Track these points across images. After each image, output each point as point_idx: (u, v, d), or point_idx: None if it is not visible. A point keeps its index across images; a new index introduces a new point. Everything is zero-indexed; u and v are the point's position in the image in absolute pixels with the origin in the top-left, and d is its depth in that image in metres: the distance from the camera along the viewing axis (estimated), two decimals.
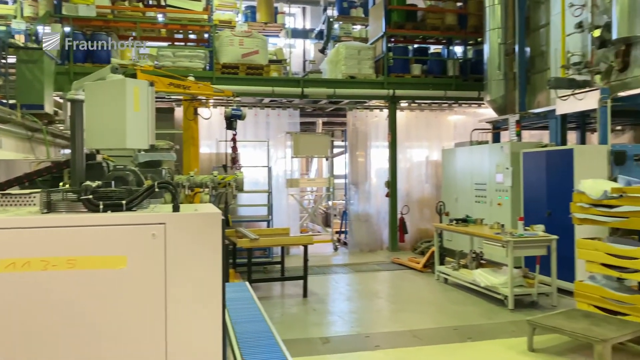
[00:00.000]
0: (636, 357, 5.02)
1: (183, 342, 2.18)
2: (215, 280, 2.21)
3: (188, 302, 2.18)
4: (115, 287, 2.06)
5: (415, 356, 5.17)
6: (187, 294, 2.17)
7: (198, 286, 2.19)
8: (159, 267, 2.12)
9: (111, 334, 2.07)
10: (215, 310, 2.22)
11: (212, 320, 2.22)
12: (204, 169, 10.41)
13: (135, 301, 2.09)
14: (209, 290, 2.20)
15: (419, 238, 11.96)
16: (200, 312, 2.20)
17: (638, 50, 7.37)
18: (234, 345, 2.79)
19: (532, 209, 8.10)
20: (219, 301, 2.23)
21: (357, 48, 11.68)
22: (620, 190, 5.46)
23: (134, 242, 2.08)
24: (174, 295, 2.14)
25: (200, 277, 2.19)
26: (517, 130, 9.39)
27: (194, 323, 2.19)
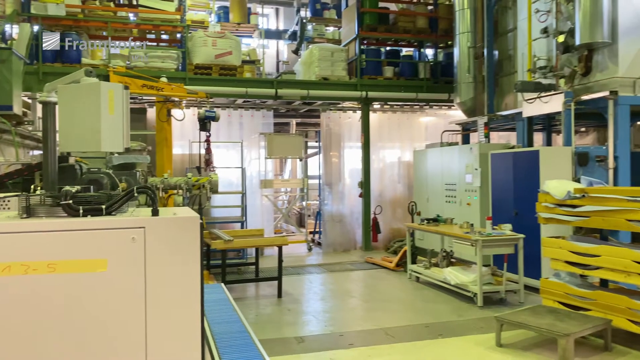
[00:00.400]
0: (597, 350, 5.25)
1: (163, 344, 2.23)
2: (194, 283, 2.26)
3: (168, 304, 2.23)
4: (96, 290, 2.10)
5: (387, 353, 5.30)
6: (166, 296, 2.22)
7: (177, 288, 2.24)
8: (139, 270, 2.17)
9: (92, 337, 2.11)
10: (194, 312, 2.28)
11: (191, 321, 2.27)
12: (177, 170, 10.37)
13: (115, 303, 2.13)
14: (188, 293, 2.26)
15: (392, 237, 12.15)
16: (180, 313, 2.25)
17: (599, 56, 7.69)
18: (212, 345, 2.85)
19: (500, 209, 8.34)
20: (197, 303, 2.29)
21: (331, 50, 11.79)
22: (582, 191, 5.70)
23: (114, 245, 2.13)
24: (154, 297, 2.19)
25: (179, 279, 2.25)
26: (485, 132, 9.65)
27: (174, 324, 2.24)
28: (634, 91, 7.46)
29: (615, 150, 7.40)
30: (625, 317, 5.25)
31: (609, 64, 7.54)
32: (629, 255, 5.20)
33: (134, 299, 2.17)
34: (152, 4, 10.61)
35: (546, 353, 5.16)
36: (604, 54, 7.62)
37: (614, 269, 5.34)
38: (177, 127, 10.89)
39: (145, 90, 7.01)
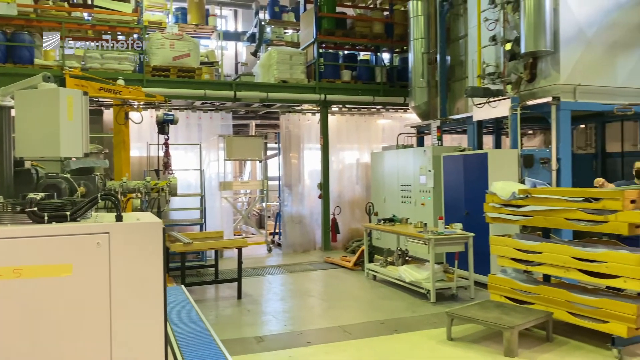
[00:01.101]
0: (540, 341, 5.60)
1: (127, 345, 2.33)
2: (157, 286, 2.38)
3: (132, 306, 2.33)
4: (62, 294, 2.19)
5: (343, 349, 5.49)
6: (130, 299, 2.32)
7: (141, 291, 2.35)
8: (104, 274, 2.27)
9: (58, 339, 2.19)
10: (158, 314, 2.39)
11: (155, 323, 2.38)
12: (135, 173, 10.29)
13: (81, 307, 2.22)
14: (151, 296, 2.37)
15: (350, 237, 12.41)
16: (143, 316, 2.36)
17: (543, 64, 8.14)
18: (174, 345, 2.96)
19: (452, 209, 8.70)
20: (161, 305, 2.40)
21: (289, 53, 11.95)
22: (526, 192, 6.06)
23: (79, 251, 2.22)
24: (118, 300, 2.30)
25: (143, 283, 2.35)
26: (438, 135, 10.02)
27: (138, 327, 2.35)
28: (575, 97, 7.94)
29: (558, 153, 7.86)
30: (565, 310, 5.62)
31: (552, 72, 8.00)
32: (567, 251, 5.58)
33: (98, 302, 2.26)
34: (107, 4, 10.49)
35: (493, 345, 5.47)
36: (547, 62, 8.08)
37: (554, 264, 5.72)
38: (135, 130, 10.79)
39: (102, 93, 6.97)
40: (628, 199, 5.10)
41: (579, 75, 7.94)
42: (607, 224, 5.21)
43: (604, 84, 8.10)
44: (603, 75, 8.11)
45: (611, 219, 5.16)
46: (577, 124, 10.78)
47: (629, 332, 5.03)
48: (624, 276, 5.06)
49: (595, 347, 5.37)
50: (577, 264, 5.47)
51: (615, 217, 5.13)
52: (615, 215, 5.13)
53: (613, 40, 8.16)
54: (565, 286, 6.00)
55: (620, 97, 8.18)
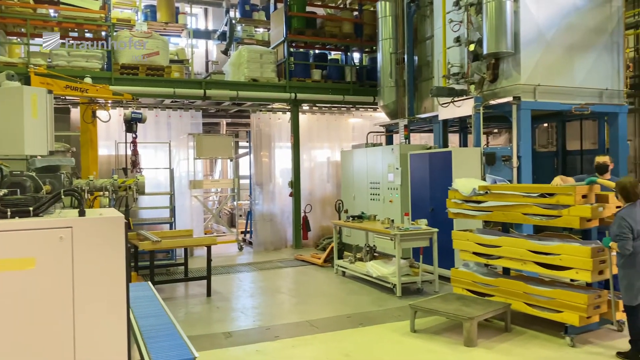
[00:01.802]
0: (499, 331, 5.83)
1: (90, 337, 2.40)
2: (120, 279, 2.46)
3: (94, 299, 2.41)
4: (25, 288, 2.25)
5: (310, 343, 5.63)
6: (93, 291, 2.40)
7: (104, 284, 2.42)
8: (67, 268, 2.34)
9: (21, 332, 2.26)
10: (120, 307, 2.47)
11: (118, 316, 2.46)
12: (103, 171, 10.21)
13: (44, 299, 2.29)
14: (114, 288, 2.44)
15: (321, 235, 12.54)
16: (106, 308, 2.44)
17: (505, 64, 8.41)
18: (139, 337, 3.03)
19: (419, 205, 8.92)
20: (123, 298, 2.48)
21: (260, 52, 12.01)
22: (485, 188, 6.30)
23: (42, 245, 2.28)
24: (81, 293, 2.37)
25: (105, 276, 2.43)
26: (405, 134, 10.24)
27: (100, 319, 2.42)
28: (534, 97, 8.23)
29: (519, 151, 8.13)
30: (522, 301, 5.87)
31: (513, 72, 8.28)
32: (525, 245, 5.83)
33: (62, 294, 2.33)
34: (75, 1, 10.37)
35: (454, 336, 5.68)
36: (508, 63, 8.35)
37: (512, 258, 5.97)
38: (103, 128, 10.71)
39: (68, 91, 6.93)
40: (579, 194, 5.37)
41: (539, 75, 8.24)
42: (561, 218, 5.47)
43: (563, 84, 8.41)
44: (561, 76, 8.42)
45: (564, 214, 5.42)
46: (539, 123, 11.15)
47: (580, 320, 5.30)
48: (576, 268, 5.32)
49: (550, 336, 5.62)
50: (534, 257, 5.72)
51: (568, 212, 5.39)
52: (568, 209, 5.39)
53: (571, 42, 8.49)
54: (523, 278, 6.25)
55: (578, 97, 8.52)
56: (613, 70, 8.83)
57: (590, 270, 5.20)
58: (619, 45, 8.86)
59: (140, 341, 2.96)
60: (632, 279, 4.86)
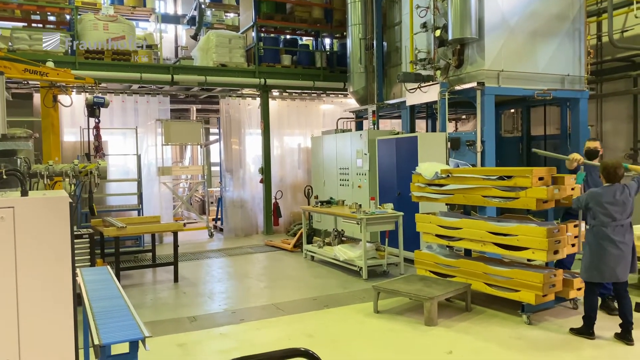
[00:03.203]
0: (459, 311, 5.98)
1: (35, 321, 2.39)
2: (65, 259, 2.44)
3: (39, 280, 2.39)
4: None
5: (275, 325, 5.68)
6: (37, 272, 2.38)
7: (49, 265, 2.41)
8: (9, 248, 2.32)
9: None
10: (66, 288, 2.46)
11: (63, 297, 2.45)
12: (69, 157, 10.01)
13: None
14: (59, 269, 2.43)
15: (292, 221, 12.58)
16: (51, 288, 2.43)
17: (469, 50, 8.52)
18: (90, 320, 3.03)
19: (386, 190, 9.02)
20: (69, 279, 2.47)
21: (228, 37, 11.88)
22: (447, 172, 6.40)
23: None
24: (25, 273, 2.35)
25: (50, 256, 2.41)
26: (373, 120, 10.31)
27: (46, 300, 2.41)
28: (498, 82, 8.37)
29: (483, 135, 8.28)
30: (482, 281, 6.03)
31: (477, 58, 8.39)
32: (484, 227, 5.97)
33: (4, 275, 2.31)
34: None
35: (416, 316, 5.80)
36: (473, 49, 8.46)
37: (472, 239, 6.10)
38: (68, 114, 10.51)
39: (27, 75, 6.76)
40: (536, 176, 5.50)
41: (503, 61, 8.37)
42: (518, 200, 5.60)
43: (526, 70, 8.57)
44: (525, 62, 8.57)
45: (521, 195, 5.56)
46: (505, 108, 11.34)
47: (536, 299, 5.46)
48: (533, 248, 5.47)
49: (508, 315, 5.79)
50: (493, 238, 5.86)
51: (525, 194, 5.52)
52: (525, 191, 5.53)
53: (534, 28, 8.63)
54: (484, 259, 6.40)
55: (540, 83, 8.69)
56: (575, 57, 9.02)
57: (545, 250, 5.35)
58: (581, 32, 9.05)
59: (92, 323, 2.96)
60: (592, 257, 5.00)
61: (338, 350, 4.93)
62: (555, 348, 4.89)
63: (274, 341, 5.20)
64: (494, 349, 4.92)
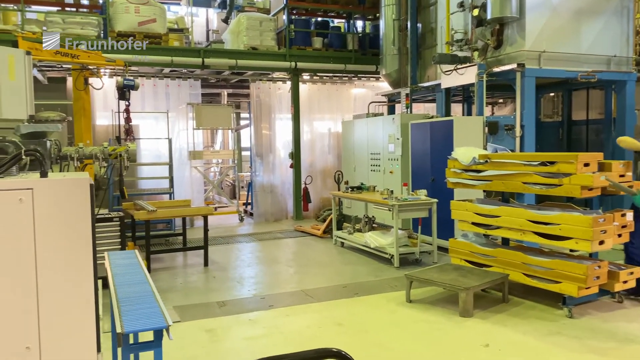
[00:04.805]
0: (496, 302, 5.74)
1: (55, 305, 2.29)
2: (86, 242, 2.34)
3: (59, 264, 2.29)
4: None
5: (304, 312, 5.57)
6: (57, 254, 2.28)
7: (69, 248, 2.31)
8: (28, 230, 2.22)
9: None
10: (87, 271, 2.35)
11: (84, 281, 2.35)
12: (102, 141, 10.09)
13: (4, 263, 2.18)
14: (79, 252, 2.33)
15: (322, 206, 12.45)
16: (72, 272, 2.32)
17: (509, 30, 8.13)
18: (115, 305, 2.95)
19: (419, 176, 8.77)
20: (90, 262, 2.36)
21: (259, 19, 11.71)
22: (485, 157, 6.12)
23: (0, 207, 2.17)
24: (45, 257, 2.26)
25: (70, 239, 2.31)
26: (407, 103, 10.01)
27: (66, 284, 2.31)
28: (539, 64, 7.97)
29: (522, 120, 7.92)
30: (520, 272, 5.76)
31: (518, 38, 8.00)
32: (524, 215, 5.69)
33: (23, 258, 2.22)
34: None
35: (450, 306, 5.59)
36: (513, 28, 8.06)
37: (511, 227, 5.83)
38: (101, 98, 10.59)
39: (58, 57, 6.76)
40: (582, 162, 5.19)
41: (544, 41, 7.96)
42: (561, 187, 5.30)
43: (569, 51, 8.14)
44: (568, 42, 8.14)
45: (565, 182, 5.25)
46: (545, 92, 10.87)
47: (579, 291, 5.18)
48: (576, 238, 5.18)
49: (547, 307, 5.53)
50: (533, 227, 5.58)
51: (569, 180, 5.22)
52: (569, 178, 5.22)
53: (578, 6, 8.17)
54: (522, 249, 6.14)
55: (585, 64, 8.24)
56: (622, 36, 8.52)
57: (590, 240, 5.06)
58: (629, 10, 8.53)
59: (116, 308, 2.88)
60: None
61: (369, 340, 4.78)
62: (598, 343, 4.62)
63: (303, 329, 5.09)
64: (533, 342, 4.68)
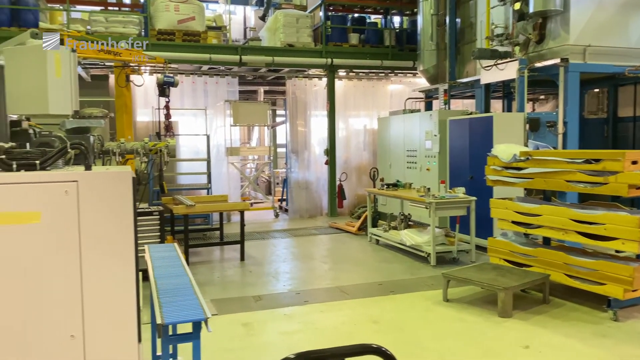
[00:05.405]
0: (536, 303, 5.59)
1: (98, 294, 2.35)
2: (128, 234, 2.39)
3: (102, 254, 2.35)
4: (31, 241, 2.21)
5: (339, 308, 5.55)
6: (101, 246, 2.34)
7: (111, 239, 2.36)
8: (73, 222, 2.28)
9: (26, 287, 2.23)
10: (129, 262, 2.40)
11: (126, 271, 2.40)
12: (142, 137, 10.33)
13: (50, 254, 2.25)
14: (121, 243, 2.38)
15: (357, 203, 12.41)
16: (115, 263, 2.38)
17: (552, 24, 7.88)
18: (154, 297, 3.01)
19: (457, 173, 8.62)
20: (131, 254, 2.41)
21: (296, 16, 11.74)
22: (527, 154, 5.96)
23: (47, 199, 2.23)
24: (88, 248, 2.32)
25: (113, 231, 2.37)
26: (445, 99, 9.85)
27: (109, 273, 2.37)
28: (584, 58, 7.71)
29: (565, 116, 7.69)
30: (562, 272, 5.59)
31: (561, 32, 7.75)
32: (567, 214, 5.51)
33: (68, 249, 2.28)
34: None
35: (488, 307, 5.48)
36: (556, 22, 7.82)
37: (553, 227, 5.66)
38: (142, 95, 10.82)
39: (102, 55, 6.94)
40: (629, 160, 4.98)
41: (590, 35, 7.69)
42: (607, 186, 5.11)
43: (616, 45, 7.84)
44: (615, 36, 7.84)
45: (611, 180, 5.06)
46: (589, 88, 10.50)
47: (624, 294, 4.99)
48: (622, 238, 4.99)
49: (590, 309, 5.35)
50: (576, 227, 5.40)
51: (615, 179, 5.03)
52: (615, 176, 5.03)
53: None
54: (564, 249, 5.95)
55: (633, 59, 7.93)
56: None
57: (638, 241, 4.86)
58: None
59: (156, 300, 2.93)
60: None
61: (405, 339, 4.73)
62: None
63: (338, 325, 5.08)
64: (576, 345, 4.54)
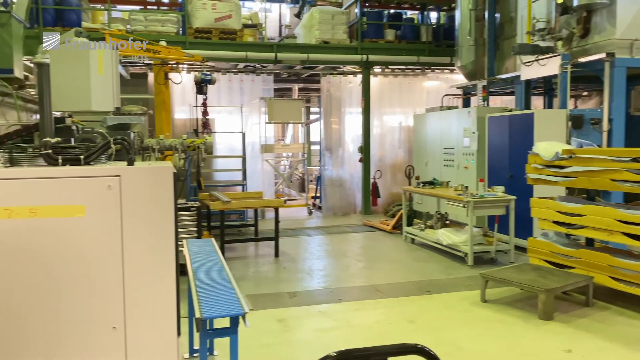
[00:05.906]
0: (578, 306, 5.41)
1: (140, 286, 2.39)
2: (168, 228, 2.42)
3: (143, 247, 2.39)
4: (75, 234, 2.27)
5: (373, 307, 5.51)
6: (142, 239, 2.38)
7: (152, 233, 2.40)
8: (115, 216, 2.33)
9: (71, 279, 2.28)
10: (169, 256, 2.44)
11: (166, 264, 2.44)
12: (180, 133, 10.51)
13: (94, 246, 2.30)
14: (162, 237, 2.42)
15: (391, 202, 12.30)
16: (155, 255, 2.42)
17: (598, 17, 7.61)
18: (193, 291, 3.04)
19: (496, 172, 8.43)
20: (172, 247, 2.45)
21: (331, 13, 11.70)
22: (570, 152, 5.77)
23: (91, 192, 2.28)
24: (130, 241, 2.36)
25: (154, 225, 2.41)
26: (483, 96, 9.64)
27: (150, 266, 2.41)
28: (631, 53, 7.41)
29: (610, 113, 7.41)
30: (606, 274, 5.40)
31: (607, 26, 7.47)
32: (612, 214, 5.31)
33: (111, 242, 2.33)
34: None
35: (528, 308, 5.33)
36: (602, 16, 7.54)
37: (597, 227, 5.46)
38: (179, 93, 10.99)
39: (141, 52, 7.08)
40: None
41: (637, 29, 7.38)
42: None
43: None
44: None
45: None
46: (635, 83, 10.08)
47: None
48: None
49: (636, 313, 5.14)
50: (622, 227, 5.20)
51: None
52: None
53: None
54: (609, 250, 5.74)
55: None
56: None
57: None
58: None
59: (194, 294, 2.96)
60: None
61: (442, 339, 4.65)
62: None
63: (372, 324, 5.04)
64: (621, 350, 4.37)
